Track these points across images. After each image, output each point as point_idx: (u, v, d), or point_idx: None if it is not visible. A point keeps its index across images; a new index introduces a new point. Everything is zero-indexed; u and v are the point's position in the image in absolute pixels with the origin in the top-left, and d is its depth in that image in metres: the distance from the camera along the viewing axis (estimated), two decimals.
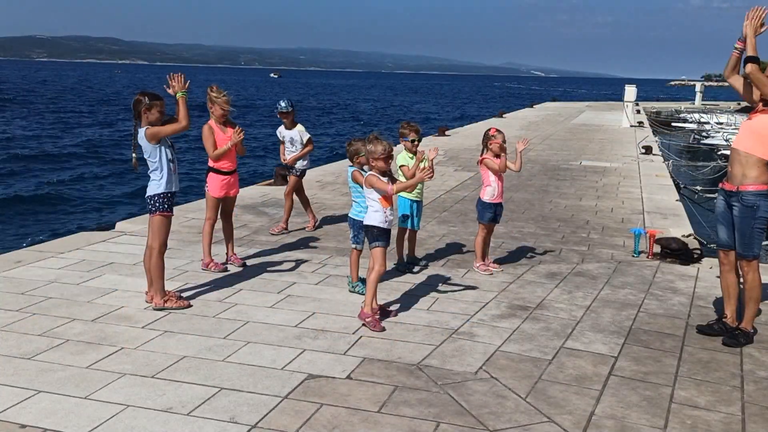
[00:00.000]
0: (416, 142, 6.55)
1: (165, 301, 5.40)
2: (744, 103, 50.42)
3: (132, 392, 4.01)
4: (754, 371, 4.59)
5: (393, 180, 5.30)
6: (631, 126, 26.68)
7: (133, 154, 5.35)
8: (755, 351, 4.95)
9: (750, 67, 4.84)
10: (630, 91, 28.14)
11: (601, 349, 4.86)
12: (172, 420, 3.71)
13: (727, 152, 20.99)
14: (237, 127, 6.60)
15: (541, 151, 17.63)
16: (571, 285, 6.35)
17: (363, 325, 5.14)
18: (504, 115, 32.20)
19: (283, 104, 8.06)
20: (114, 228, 8.20)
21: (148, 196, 5.37)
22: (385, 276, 6.35)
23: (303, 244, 7.64)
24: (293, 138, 8.12)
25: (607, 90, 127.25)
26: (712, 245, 9.11)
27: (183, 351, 4.61)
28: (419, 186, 6.47)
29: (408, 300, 5.80)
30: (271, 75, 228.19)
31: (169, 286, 5.96)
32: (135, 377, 4.21)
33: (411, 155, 6.54)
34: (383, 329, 5.07)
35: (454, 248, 7.61)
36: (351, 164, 5.93)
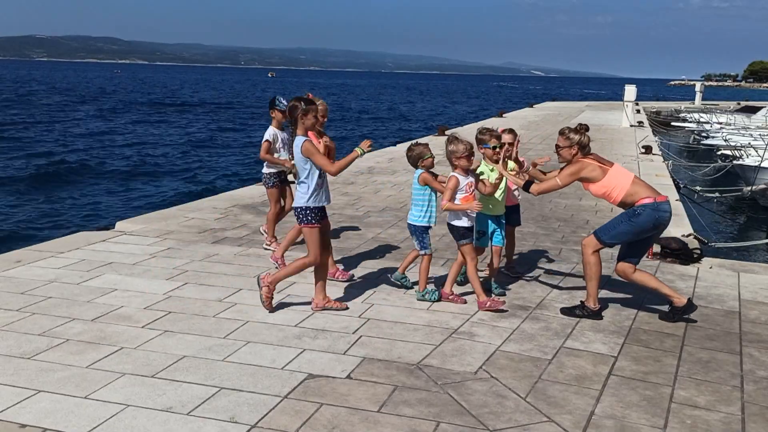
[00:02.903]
0: (498, 149, 5.87)
1: (326, 302, 5.45)
2: (744, 103, 50.04)
3: (132, 392, 4.01)
4: (754, 371, 4.60)
5: (477, 178, 5.70)
6: (631, 126, 26.68)
7: (291, 160, 5.35)
8: (755, 351, 4.95)
9: (533, 190, 5.57)
10: (630, 91, 28.14)
11: (600, 349, 4.87)
12: (172, 420, 3.71)
13: (728, 152, 21.03)
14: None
15: (541, 150, 17.62)
16: (571, 285, 6.34)
17: (488, 309, 5.51)
18: (504, 115, 32.20)
19: (285, 101, 6.96)
20: (114, 228, 8.20)
21: (294, 207, 5.39)
22: (385, 276, 6.36)
23: (303, 244, 7.63)
24: (284, 140, 7.22)
25: (607, 90, 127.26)
26: (712, 245, 9.13)
27: (183, 351, 4.61)
28: (499, 196, 6.00)
29: (408, 300, 5.80)
30: (268, 75, 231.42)
31: (169, 285, 5.97)
32: (135, 377, 4.21)
33: (491, 166, 5.94)
34: (504, 303, 5.57)
35: (454, 248, 7.59)
36: (416, 168, 5.78)
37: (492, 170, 5.95)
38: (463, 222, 5.62)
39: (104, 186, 19.55)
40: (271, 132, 7.17)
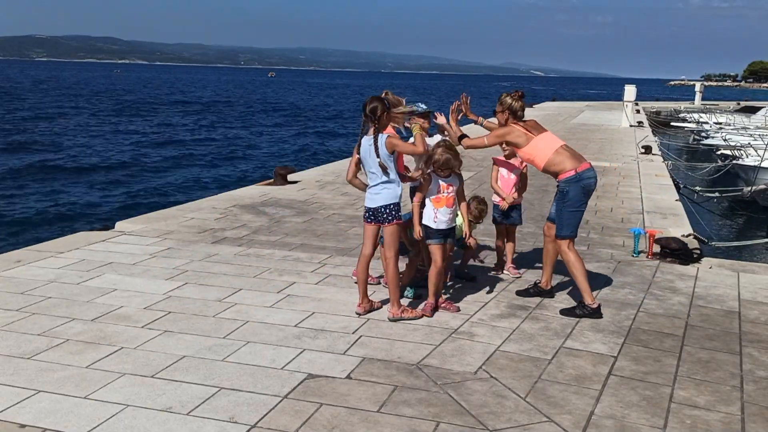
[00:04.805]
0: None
1: (402, 312, 5.30)
2: (744, 103, 49.96)
3: (131, 392, 4.01)
4: (753, 371, 4.60)
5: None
6: (631, 126, 26.68)
7: (379, 160, 5.14)
8: (755, 351, 4.95)
9: (464, 143, 5.74)
10: (630, 91, 28.15)
11: (600, 349, 4.87)
12: (171, 420, 3.71)
13: (727, 152, 21.02)
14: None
15: None
16: (570, 285, 6.34)
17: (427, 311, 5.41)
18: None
19: (423, 105, 6.23)
20: (114, 228, 8.20)
21: (381, 206, 5.21)
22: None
23: (303, 244, 7.64)
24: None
25: (607, 90, 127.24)
26: (712, 244, 9.13)
27: (183, 351, 4.61)
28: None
29: (408, 300, 5.79)
30: (268, 74, 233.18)
31: (169, 285, 5.97)
32: (135, 377, 4.21)
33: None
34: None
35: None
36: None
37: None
38: (438, 224, 5.46)
39: (104, 186, 19.55)
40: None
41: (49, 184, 19.34)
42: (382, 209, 5.23)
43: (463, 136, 5.77)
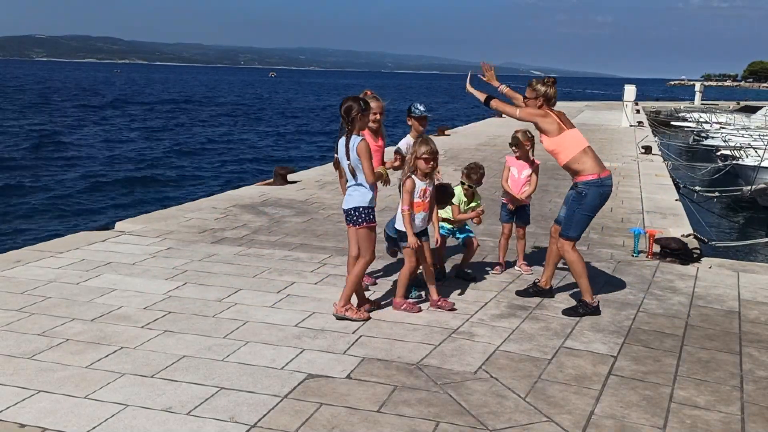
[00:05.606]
0: (469, 187, 6.39)
1: (346, 310, 5.27)
2: (744, 103, 49.96)
3: (131, 392, 4.01)
4: (753, 371, 4.60)
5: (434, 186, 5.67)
6: (631, 126, 26.69)
7: (348, 163, 5.13)
8: (755, 351, 4.95)
9: (492, 104, 5.87)
10: (630, 91, 28.17)
11: (600, 349, 4.87)
12: (171, 420, 3.71)
13: (727, 152, 21.02)
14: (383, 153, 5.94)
15: (541, 150, 17.62)
16: (570, 285, 6.34)
17: (402, 310, 5.48)
18: (503, 115, 32.16)
19: (421, 107, 6.18)
20: (114, 228, 8.20)
21: (351, 208, 5.19)
22: (385, 275, 6.36)
23: (303, 244, 7.64)
24: None
25: (607, 90, 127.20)
26: (712, 244, 9.13)
27: (182, 351, 4.61)
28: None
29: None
30: (269, 74, 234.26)
31: (169, 285, 5.97)
32: (134, 377, 4.21)
33: (465, 199, 6.38)
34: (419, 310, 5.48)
35: (454, 248, 7.59)
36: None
37: (465, 202, 6.30)
38: (413, 228, 5.46)
39: (104, 186, 19.54)
40: (404, 142, 6.28)
41: (49, 184, 19.35)
42: (352, 211, 5.22)
43: (490, 97, 5.72)
